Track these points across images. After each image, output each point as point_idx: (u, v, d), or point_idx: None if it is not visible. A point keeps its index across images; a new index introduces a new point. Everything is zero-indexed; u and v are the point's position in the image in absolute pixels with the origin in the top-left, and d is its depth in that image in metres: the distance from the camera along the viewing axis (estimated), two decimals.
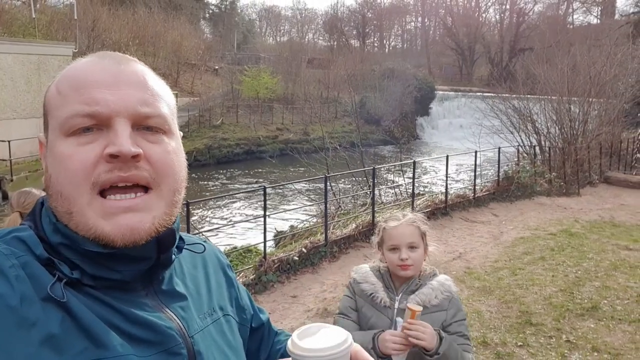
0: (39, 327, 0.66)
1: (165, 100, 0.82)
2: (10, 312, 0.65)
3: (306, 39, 64.80)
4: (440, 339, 1.81)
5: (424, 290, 1.98)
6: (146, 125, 0.77)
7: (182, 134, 0.88)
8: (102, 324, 0.71)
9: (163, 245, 0.80)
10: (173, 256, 0.84)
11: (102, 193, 0.74)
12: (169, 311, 0.81)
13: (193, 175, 23.01)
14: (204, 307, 0.88)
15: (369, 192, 10.08)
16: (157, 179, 0.77)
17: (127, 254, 0.76)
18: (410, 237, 1.98)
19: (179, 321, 0.81)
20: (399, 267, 1.98)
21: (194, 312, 0.85)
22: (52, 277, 0.70)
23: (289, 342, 0.79)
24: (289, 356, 0.80)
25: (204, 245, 0.97)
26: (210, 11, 61.28)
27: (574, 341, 4.84)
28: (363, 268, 2.12)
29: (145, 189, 0.76)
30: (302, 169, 18.04)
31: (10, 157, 15.33)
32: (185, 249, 0.92)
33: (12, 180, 15.04)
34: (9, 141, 15.10)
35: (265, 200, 7.21)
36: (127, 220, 0.73)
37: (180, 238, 0.88)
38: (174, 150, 0.81)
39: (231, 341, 0.91)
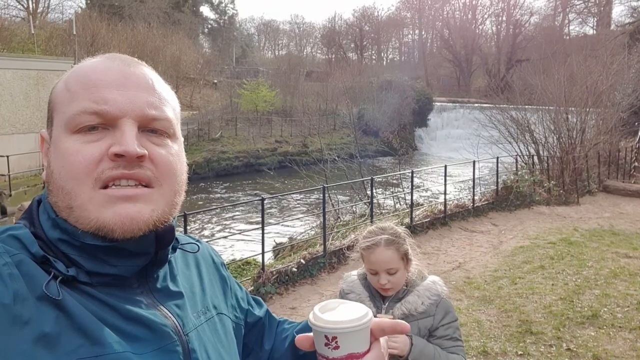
0: (33, 325, 0.65)
1: (171, 105, 0.83)
2: (2, 310, 0.64)
3: (304, 53, 65.17)
4: (412, 345, 1.81)
5: (410, 298, 1.95)
6: (152, 128, 0.78)
7: (183, 138, 0.89)
8: (97, 322, 0.71)
9: (162, 241, 0.81)
10: (168, 255, 0.85)
11: (104, 188, 0.74)
12: (164, 309, 0.81)
13: (192, 188, 23.01)
14: (197, 306, 0.88)
15: (367, 203, 10.07)
16: (160, 179, 0.77)
17: (125, 248, 0.76)
18: (389, 264, 1.92)
19: (174, 319, 0.81)
20: (379, 289, 1.97)
21: (189, 310, 0.85)
22: (48, 275, 0.70)
23: (311, 315, 0.83)
24: (305, 334, 0.84)
25: (197, 245, 0.97)
26: (209, 26, 61.69)
27: (575, 349, 4.80)
28: (351, 277, 2.10)
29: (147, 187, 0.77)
30: (301, 181, 18.04)
31: (9, 172, 15.32)
32: (180, 248, 0.92)
33: (10, 195, 15.04)
34: (7, 156, 15.10)
35: (263, 212, 7.19)
36: (127, 210, 0.73)
37: (175, 238, 0.88)
38: (177, 153, 0.82)
39: (224, 339, 0.90)
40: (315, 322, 0.81)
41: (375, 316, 1.82)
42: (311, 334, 0.85)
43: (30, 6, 37.98)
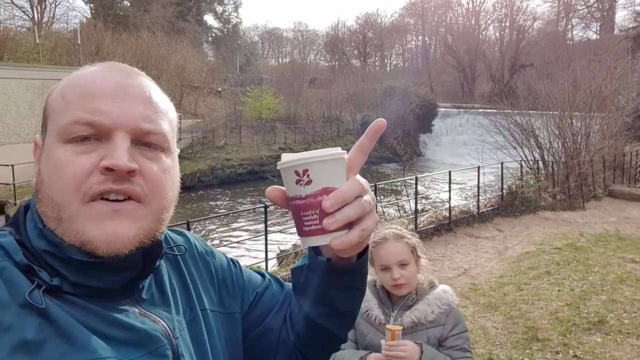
0: (13, 332, 0.64)
1: (168, 117, 0.82)
2: None
3: (308, 60, 65.35)
4: (421, 352, 1.79)
5: (419, 306, 1.93)
6: (145, 141, 0.77)
7: (178, 150, 0.87)
8: (82, 328, 0.70)
9: (150, 257, 0.81)
10: (155, 267, 0.84)
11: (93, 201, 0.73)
12: (152, 314, 0.80)
13: (196, 195, 23.04)
14: (182, 307, 0.88)
15: None
16: (149, 195, 0.76)
17: (112, 264, 0.75)
18: (400, 255, 1.91)
19: (164, 323, 0.80)
20: (392, 287, 1.94)
21: (175, 313, 0.84)
22: (31, 283, 0.69)
23: (280, 161, 0.77)
24: (275, 186, 0.79)
25: (184, 247, 0.95)
26: (213, 34, 62.03)
27: (582, 356, 4.75)
28: None
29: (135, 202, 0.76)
30: None
31: (13, 181, 15.40)
32: (167, 253, 0.90)
33: (15, 204, 15.10)
34: (12, 165, 15.17)
35: (266, 219, 7.19)
36: (113, 227, 0.72)
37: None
38: (168, 168, 0.80)
39: (207, 338, 0.89)
40: (283, 160, 0.75)
41: (384, 325, 1.81)
42: (282, 187, 0.79)
43: (36, 16, 38.38)
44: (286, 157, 0.76)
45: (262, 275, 1.08)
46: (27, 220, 0.79)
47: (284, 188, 0.79)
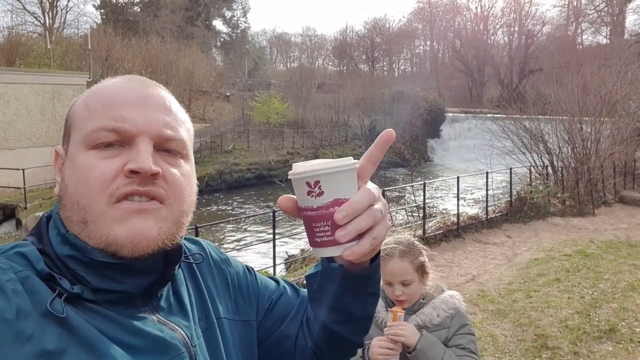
0: (35, 341, 0.65)
1: (186, 126, 0.86)
2: (5, 326, 0.64)
3: (316, 65, 65.41)
4: (421, 335, 1.81)
5: (425, 310, 1.94)
6: (166, 148, 0.81)
7: (194, 159, 0.90)
8: (102, 337, 0.72)
9: (170, 261, 0.83)
10: (174, 273, 0.87)
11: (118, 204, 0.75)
12: (170, 323, 0.82)
13: (204, 200, 23.08)
14: (198, 315, 0.89)
15: None
16: (171, 197, 0.79)
17: (134, 266, 0.77)
18: (402, 276, 1.92)
19: (182, 331, 0.82)
20: (394, 300, 1.96)
21: (192, 321, 0.86)
22: (53, 292, 0.71)
23: (291, 171, 0.77)
24: (286, 195, 0.79)
25: (201, 254, 0.97)
26: (222, 39, 62.33)
27: None
28: None
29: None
30: None
31: (24, 185, 15.49)
32: (184, 261, 0.92)
33: (25, 208, 15.20)
34: (23, 169, 15.28)
35: (274, 224, 7.19)
36: (138, 225, 0.75)
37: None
38: (188, 174, 0.84)
39: (222, 346, 0.90)
40: (295, 171, 0.75)
41: (387, 310, 1.81)
42: (294, 195, 0.79)
43: (47, 22, 38.75)
44: (297, 167, 0.76)
45: (277, 281, 1.09)
46: (49, 228, 0.81)
47: (295, 197, 0.79)
